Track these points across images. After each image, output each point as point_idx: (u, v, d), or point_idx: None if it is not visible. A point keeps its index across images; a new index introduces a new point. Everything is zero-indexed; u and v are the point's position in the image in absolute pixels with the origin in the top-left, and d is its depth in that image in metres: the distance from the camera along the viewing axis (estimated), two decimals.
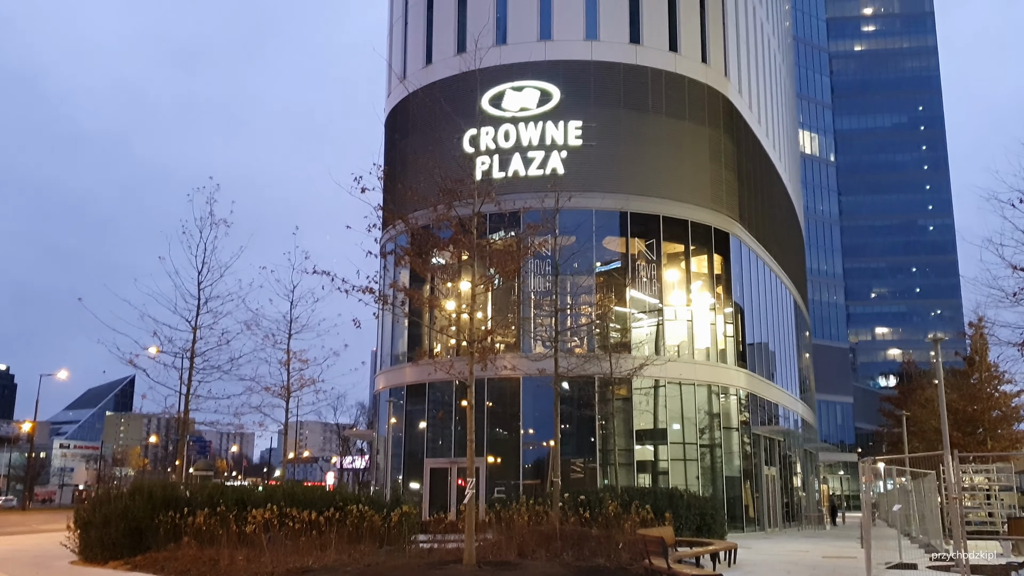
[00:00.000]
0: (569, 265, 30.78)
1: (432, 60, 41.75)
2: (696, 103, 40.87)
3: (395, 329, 41.92)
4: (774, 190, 55.11)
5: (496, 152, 37.95)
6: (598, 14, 39.73)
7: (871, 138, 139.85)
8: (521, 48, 39.32)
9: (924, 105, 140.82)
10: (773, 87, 57.37)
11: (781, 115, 61.04)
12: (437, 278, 25.98)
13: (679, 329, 39.18)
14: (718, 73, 42.54)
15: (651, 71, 39.78)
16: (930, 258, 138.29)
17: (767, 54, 55.69)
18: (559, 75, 38.69)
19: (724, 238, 41.24)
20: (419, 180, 28.67)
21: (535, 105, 38.35)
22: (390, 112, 44.68)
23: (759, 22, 53.15)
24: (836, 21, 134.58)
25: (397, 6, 45.33)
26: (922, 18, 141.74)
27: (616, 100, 39.10)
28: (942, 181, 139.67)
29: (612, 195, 37.87)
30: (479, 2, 40.57)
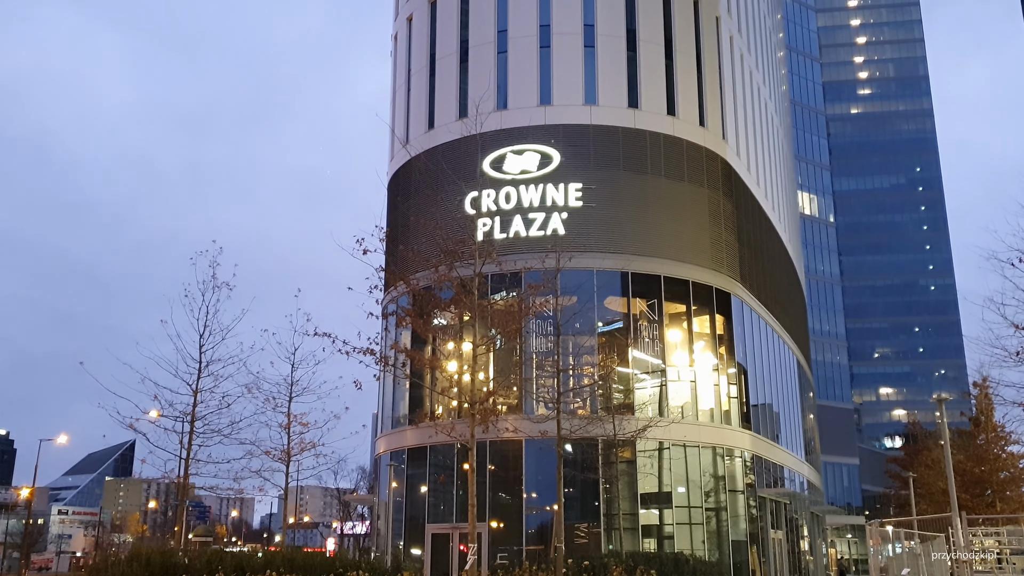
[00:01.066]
0: (571, 325, 30.80)
1: (434, 125, 42.37)
2: (695, 165, 41.33)
3: (396, 391, 41.72)
4: (774, 250, 55.37)
5: (497, 213, 38.25)
6: (597, 80, 40.43)
7: (870, 199, 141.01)
8: (522, 113, 39.94)
9: (922, 166, 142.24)
10: (771, 149, 58.06)
11: (780, 176, 61.65)
12: (438, 339, 25.98)
13: (682, 390, 38.98)
14: (716, 136, 43.10)
15: (649, 134, 40.33)
16: (932, 318, 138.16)
17: (764, 117, 56.49)
18: (559, 138, 39.22)
19: (725, 298, 41.29)
20: (421, 241, 28.87)
21: (536, 167, 38.79)
22: (392, 176, 45.18)
23: (756, 86, 54.04)
24: (832, 84, 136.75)
25: (400, 73, 46.18)
26: (916, 81, 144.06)
27: (615, 162, 39.56)
28: (942, 241, 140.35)
29: (613, 255, 38.05)
30: (480, 69, 41.33)
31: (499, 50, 41.30)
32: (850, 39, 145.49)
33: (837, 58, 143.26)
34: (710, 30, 44.47)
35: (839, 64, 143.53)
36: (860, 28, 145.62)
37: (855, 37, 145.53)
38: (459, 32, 42.64)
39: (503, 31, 41.45)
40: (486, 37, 41.64)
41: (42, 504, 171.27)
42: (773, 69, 65.32)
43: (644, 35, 41.52)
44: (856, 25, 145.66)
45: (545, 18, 41.14)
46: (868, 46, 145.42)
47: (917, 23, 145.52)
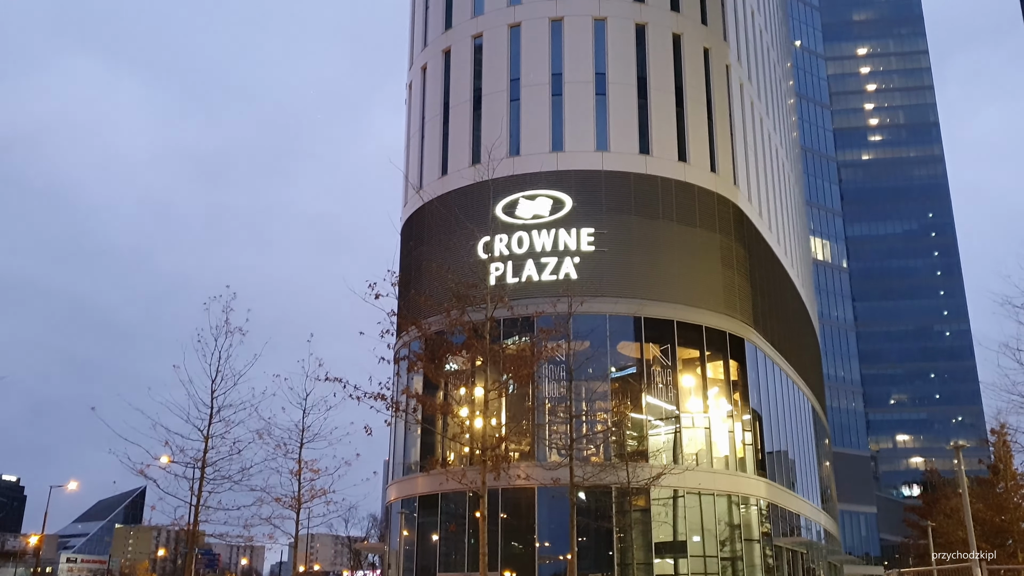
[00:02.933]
0: (583, 370, 30.61)
1: (447, 171, 42.69)
2: (706, 210, 41.38)
3: (407, 437, 41.45)
4: (787, 296, 55.15)
5: (510, 258, 38.32)
6: (608, 126, 40.73)
7: (883, 244, 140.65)
8: (534, 159, 40.22)
9: (934, 212, 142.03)
10: (782, 195, 58.15)
11: (792, 222, 61.65)
12: (450, 384, 25.85)
13: (697, 437, 38.57)
14: (727, 181, 43.21)
15: (661, 180, 40.47)
16: (948, 364, 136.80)
17: (775, 163, 56.68)
18: (571, 184, 39.41)
19: (739, 344, 41.03)
20: (433, 286, 28.89)
21: (548, 212, 38.93)
22: (406, 221, 45.43)
23: (766, 133, 54.32)
24: (843, 131, 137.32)
25: (415, 121, 46.68)
26: (927, 128, 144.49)
27: (627, 207, 39.66)
28: (956, 287, 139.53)
29: (625, 300, 37.96)
30: (493, 116, 41.73)
31: (512, 98, 41.74)
32: (860, 87, 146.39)
33: (847, 105, 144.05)
34: (720, 78, 44.85)
35: (849, 111, 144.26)
36: (870, 76, 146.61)
37: (865, 84, 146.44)
38: (472, 80, 43.16)
39: (516, 79, 41.94)
40: (499, 85, 42.12)
41: (51, 552, 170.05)
42: (783, 116, 65.70)
43: (655, 83, 41.90)
44: (866, 73, 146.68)
45: (557, 67, 41.63)
46: (878, 93, 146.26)
47: (926, 71, 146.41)
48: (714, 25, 45.50)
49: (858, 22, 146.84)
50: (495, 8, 43.38)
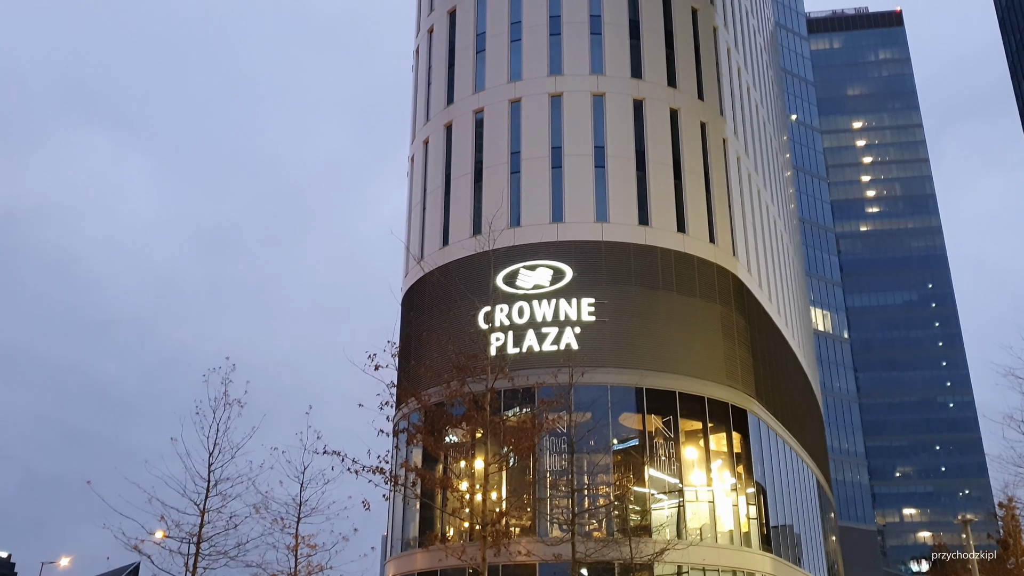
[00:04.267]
0: (585, 442, 30.26)
1: (448, 241, 42.93)
2: (706, 281, 41.48)
3: (406, 512, 40.77)
4: (789, 367, 54.90)
5: (510, 328, 38.25)
6: (607, 198, 41.12)
7: (883, 315, 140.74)
8: (534, 230, 40.49)
9: (933, 283, 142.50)
10: (782, 265, 58.40)
11: (791, 293, 61.77)
12: (450, 457, 25.53)
13: (701, 510, 37.91)
14: (726, 252, 43.42)
15: (660, 250, 40.68)
16: (953, 436, 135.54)
17: (774, 234, 57.07)
18: (571, 255, 39.59)
19: (742, 415, 40.67)
20: (433, 357, 28.76)
21: (548, 283, 39.02)
22: (406, 292, 45.51)
23: (764, 204, 54.81)
24: (840, 203, 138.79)
25: (416, 192, 47.15)
26: (924, 199, 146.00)
27: (627, 278, 39.76)
28: (958, 357, 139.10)
29: (627, 371, 37.76)
30: (494, 188, 42.17)
31: (512, 170, 42.25)
32: (856, 159, 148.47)
33: (844, 177, 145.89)
34: (717, 151, 45.47)
35: (846, 183, 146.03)
36: (865, 149, 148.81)
37: (861, 157, 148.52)
38: (474, 153, 43.74)
39: (516, 152, 42.51)
40: (500, 158, 42.67)
41: None
42: (781, 188, 66.41)
43: (653, 155, 42.45)
44: (861, 146, 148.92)
45: (557, 140, 42.24)
46: (874, 166, 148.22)
47: (921, 144, 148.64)
48: (711, 100, 46.32)
49: (852, 97, 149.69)
50: (496, 84, 44.21)
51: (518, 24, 44.95)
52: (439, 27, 48.39)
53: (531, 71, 43.74)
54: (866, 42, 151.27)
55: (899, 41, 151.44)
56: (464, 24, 46.79)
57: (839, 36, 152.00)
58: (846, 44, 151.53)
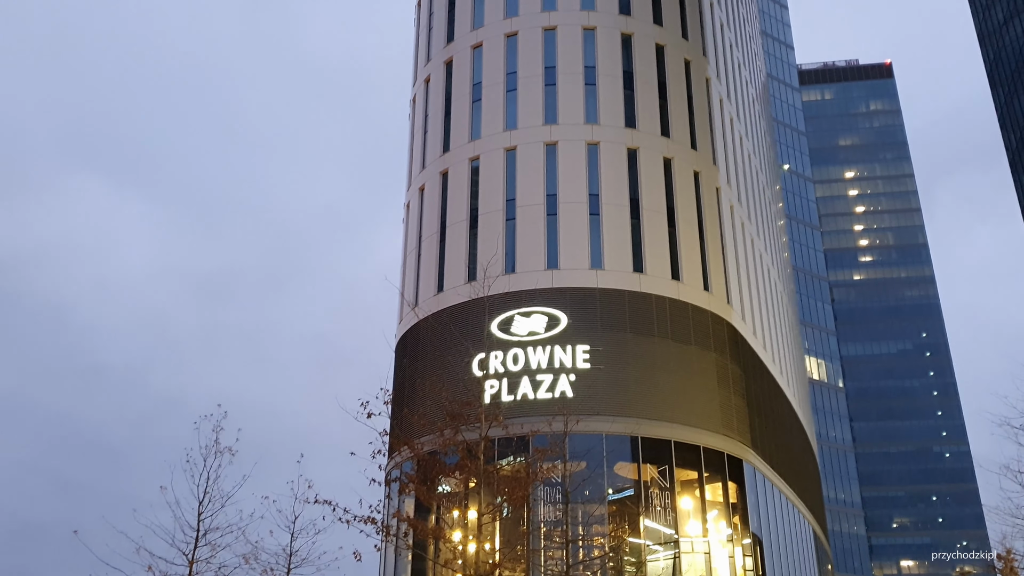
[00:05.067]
0: (580, 492, 29.91)
1: (443, 288, 42.91)
2: (701, 329, 41.42)
3: (398, 563, 40.12)
4: (784, 416, 54.63)
5: (505, 375, 38.04)
6: (602, 245, 41.25)
7: (878, 364, 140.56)
8: (529, 276, 40.51)
9: (927, 332, 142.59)
10: (776, 314, 58.43)
11: (786, 341, 61.72)
12: (443, 507, 25.19)
13: (697, 562, 37.38)
14: (720, 300, 43.44)
15: (655, 298, 40.68)
16: (950, 486, 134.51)
17: (767, 282, 57.19)
18: (566, 301, 39.56)
19: (738, 465, 40.32)
20: (427, 404, 28.53)
21: (543, 329, 38.92)
22: (400, 338, 45.34)
23: (758, 253, 55.02)
24: (833, 252, 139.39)
25: (411, 239, 47.25)
26: (916, 249, 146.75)
27: (622, 325, 39.70)
28: (953, 407, 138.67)
29: (622, 419, 37.50)
30: (489, 235, 42.29)
31: (508, 217, 42.41)
32: (848, 208, 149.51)
33: (837, 226, 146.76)
34: (711, 200, 45.76)
35: (839, 232, 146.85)
36: (858, 198, 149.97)
37: (853, 207, 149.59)
38: (469, 200, 43.94)
39: (511, 200, 42.73)
40: (495, 205, 42.86)
41: None
42: (774, 237, 66.75)
43: (647, 204, 42.69)
44: (853, 195, 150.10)
45: (552, 188, 42.50)
46: (866, 215, 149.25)
47: (913, 194, 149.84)
48: (704, 150, 46.74)
49: (844, 147, 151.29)
50: (492, 133, 44.60)
51: (514, 74, 45.50)
52: (436, 77, 48.95)
53: (526, 120, 44.17)
54: (857, 94, 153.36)
55: (890, 93, 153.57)
56: (460, 74, 47.35)
57: (830, 88, 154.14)
58: (837, 95, 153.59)
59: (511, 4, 47.29)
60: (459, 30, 48.62)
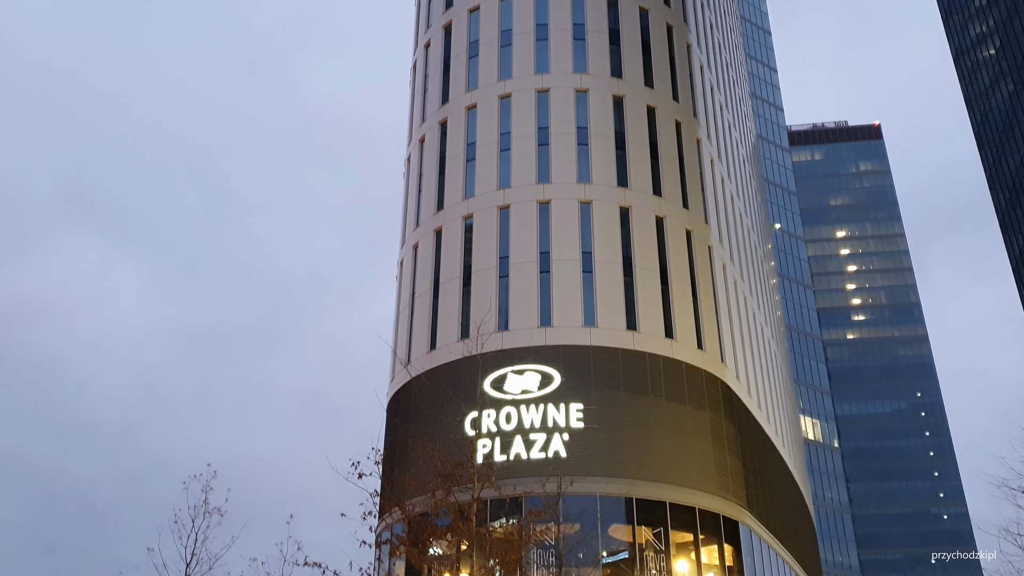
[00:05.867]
0: (574, 555, 29.37)
1: (436, 345, 42.72)
2: (695, 388, 41.19)
3: None
4: (780, 476, 54.05)
5: (498, 434, 37.65)
6: (595, 303, 41.23)
7: (873, 424, 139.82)
8: (522, 334, 40.38)
9: (922, 391, 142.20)
10: (770, 373, 58.23)
11: (780, 400, 61.40)
12: (434, 570, 24.67)
13: None
14: (714, 359, 43.29)
15: (649, 356, 40.53)
16: (949, 549, 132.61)
17: (761, 341, 57.11)
18: (559, 359, 39.37)
19: (733, 527, 39.72)
20: (418, 465, 28.15)
21: (536, 388, 38.66)
22: (392, 397, 44.97)
23: (751, 311, 55.05)
24: (826, 311, 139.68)
25: (404, 296, 47.22)
26: (909, 308, 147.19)
27: (616, 383, 39.47)
28: (950, 467, 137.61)
29: (616, 480, 37.01)
30: (482, 292, 42.28)
31: (501, 274, 42.45)
32: (840, 268, 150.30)
33: (829, 285, 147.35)
34: (703, 258, 45.92)
35: (832, 291, 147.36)
36: (849, 257, 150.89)
37: (845, 266, 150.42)
38: (463, 258, 44.03)
39: (504, 257, 42.82)
40: (488, 263, 42.94)
41: None
42: (767, 295, 66.90)
43: (640, 262, 42.81)
44: (845, 254, 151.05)
45: (545, 245, 42.64)
46: (858, 274, 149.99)
47: (904, 253, 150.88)
48: (695, 209, 47.08)
49: (835, 207, 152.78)
50: (485, 191, 44.91)
51: (507, 135, 46.01)
52: (430, 137, 49.48)
53: (520, 179, 44.52)
54: (846, 154, 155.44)
55: (879, 154, 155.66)
56: (455, 134, 47.86)
57: (820, 148, 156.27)
58: (827, 156, 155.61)
59: (505, 67, 48.05)
60: (454, 91, 49.30)
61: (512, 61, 47.99)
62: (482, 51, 49.23)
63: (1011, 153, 72.89)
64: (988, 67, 77.27)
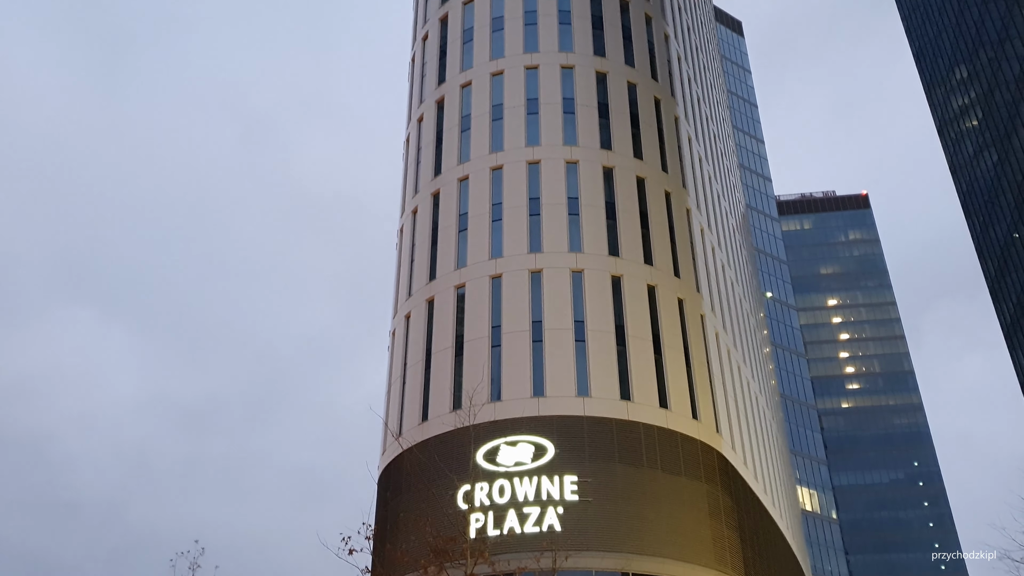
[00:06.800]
0: None
1: (428, 417, 42.28)
2: (691, 459, 40.70)
3: None
4: (778, 549, 53.10)
5: (491, 508, 36.98)
6: (588, 372, 40.98)
7: (871, 494, 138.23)
8: (515, 404, 40.00)
9: (919, 461, 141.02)
10: (765, 442, 57.71)
11: (777, 471, 60.72)
12: None
13: None
14: (710, 429, 42.89)
15: (643, 426, 40.13)
16: None
17: (756, 410, 56.74)
18: (553, 430, 38.94)
19: None
20: (410, 539, 27.58)
21: (530, 459, 38.14)
22: (384, 470, 44.31)
23: (745, 380, 54.83)
24: (820, 379, 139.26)
25: (396, 367, 46.91)
26: (903, 377, 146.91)
27: (610, 454, 38.98)
28: (950, 538, 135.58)
29: (612, 554, 36.25)
30: (475, 362, 42.02)
31: (493, 344, 42.27)
32: (833, 336, 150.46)
33: (822, 354, 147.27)
34: (696, 327, 45.89)
35: (825, 360, 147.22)
36: (842, 325, 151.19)
37: (838, 334, 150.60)
38: (455, 328, 43.91)
39: (497, 326, 42.70)
40: (481, 332, 42.81)
41: None
42: (761, 364, 66.73)
43: (632, 331, 42.72)
44: (837, 323, 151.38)
45: (537, 314, 42.59)
46: (851, 343, 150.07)
47: (896, 321, 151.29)
48: (687, 277, 47.24)
49: (826, 275, 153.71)
50: (477, 260, 45.05)
51: (499, 205, 46.37)
52: (423, 208, 49.85)
53: (512, 248, 44.71)
54: (835, 223, 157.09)
55: (867, 223, 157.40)
56: (447, 205, 48.25)
57: (809, 217, 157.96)
58: (816, 225, 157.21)
59: (496, 140, 48.71)
60: (446, 163, 49.88)
61: (503, 134, 48.68)
62: (474, 125, 49.97)
63: (998, 222, 73.70)
64: (972, 138, 78.69)
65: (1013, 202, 68.80)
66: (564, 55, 50.95)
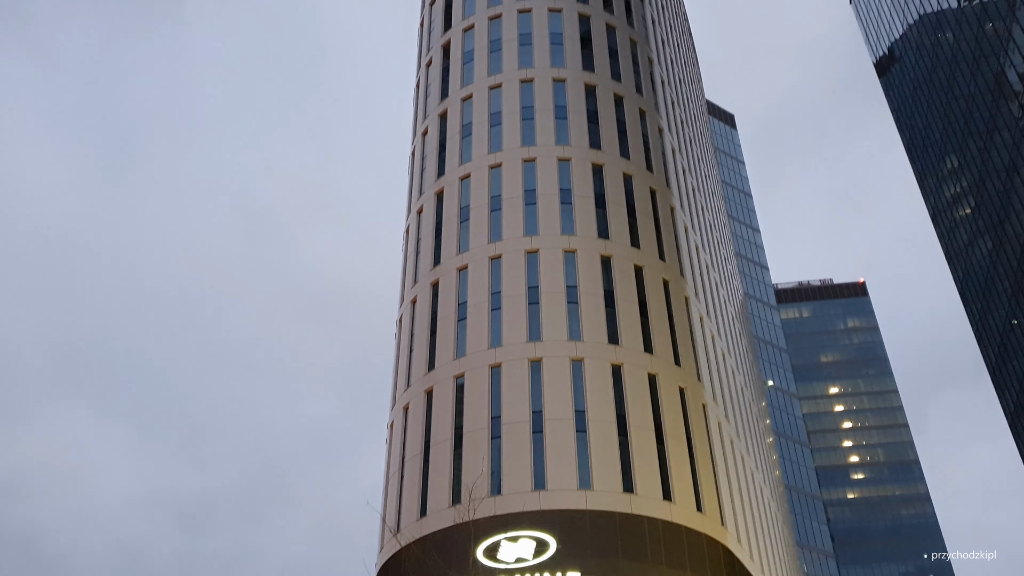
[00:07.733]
0: None
1: (426, 512, 41.35)
2: (696, 553, 39.64)
3: None
4: None
5: None
6: (590, 464, 40.28)
7: None
8: (516, 498, 39.17)
9: (928, 552, 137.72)
10: (772, 535, 56.40)
11: (784, 565, 59.17)
12: None
13: None
14: (715, 522, 41.92)
15: (647, 520, 39.20)
16: None
17: (761, 502, 55.64)
18: (555, 524, 38.03)
19: None
20: None
21: (531, 555, 37.14)
22: (381, 567, 43.10)
23: (749, 471, 53.93)
24: (825, 469, 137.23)
25: (394, 461, 46.16)
26: (908, 466, 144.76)
27: (614, 549, 37.96)
28: None
29: None
30: (474, 455, 41.35)
31: (493, 435, 41.68)
32: (836, 424, 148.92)
33: (826, 443, 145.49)
34: (698, 416, 45.36)
35: (829, 449, 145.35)
36: (844, 414, 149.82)
37: (840, 423, 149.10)
38: (454, 419, 43.37)
39: (496, 417, 42.18)
40: (480, 423, 42.26)
41: None
42: (764, 454, 65.78)
43: (634, 420, 42.20)
44: (840, 411, 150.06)
45: (537, 404, 42.13)
46: (855, 431, 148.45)
47: (899, 409, 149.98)
48: (687, 366, 46.95)
49: (826, 363, 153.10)
50: (477, 350, 44.82)
51: (498, 294, 46.42)
52: (422, 297, 49.91)
53: (511, 337, 44.54)
54: (834, 311, 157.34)
55: (866, 310, 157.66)
56: (446, 295, 48.32)
57: (807, 305, 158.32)
58: (815, 313, 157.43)
59: (495, 230, 49.12)
60: (445, 253, 50.17)
61: (502, 224, 49.12)
62: (473, 215, 50.49)
63: (995, 309, 73.77)
64: (965, 226, 79.46)
65: (1010, 288, 69.01)
66: (561, 148, 51.87)
